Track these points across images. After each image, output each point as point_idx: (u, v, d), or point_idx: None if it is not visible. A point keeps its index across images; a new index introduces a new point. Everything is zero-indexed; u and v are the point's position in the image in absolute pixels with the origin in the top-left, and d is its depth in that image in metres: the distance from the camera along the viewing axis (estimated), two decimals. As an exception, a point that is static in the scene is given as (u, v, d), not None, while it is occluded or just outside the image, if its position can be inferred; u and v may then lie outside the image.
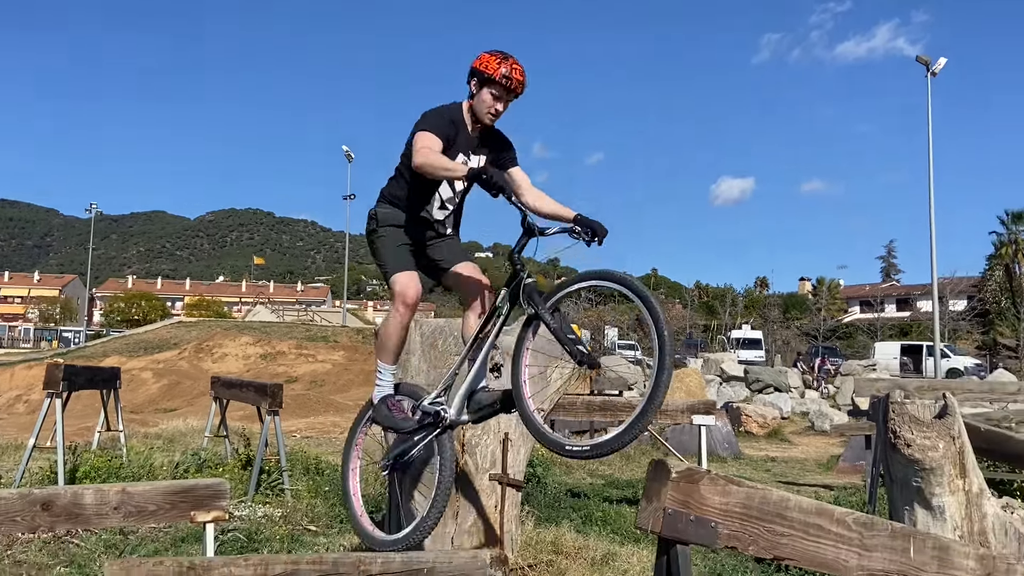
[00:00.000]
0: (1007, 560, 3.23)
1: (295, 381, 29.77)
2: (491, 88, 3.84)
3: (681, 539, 2.59)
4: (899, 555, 2.95)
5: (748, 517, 2.68)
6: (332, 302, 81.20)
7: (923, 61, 30.96)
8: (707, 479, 2.65)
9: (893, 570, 2.94)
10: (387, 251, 4.02)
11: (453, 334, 5.41)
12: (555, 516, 6.91)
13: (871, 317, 58.26)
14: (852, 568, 2.89)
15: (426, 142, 3.74)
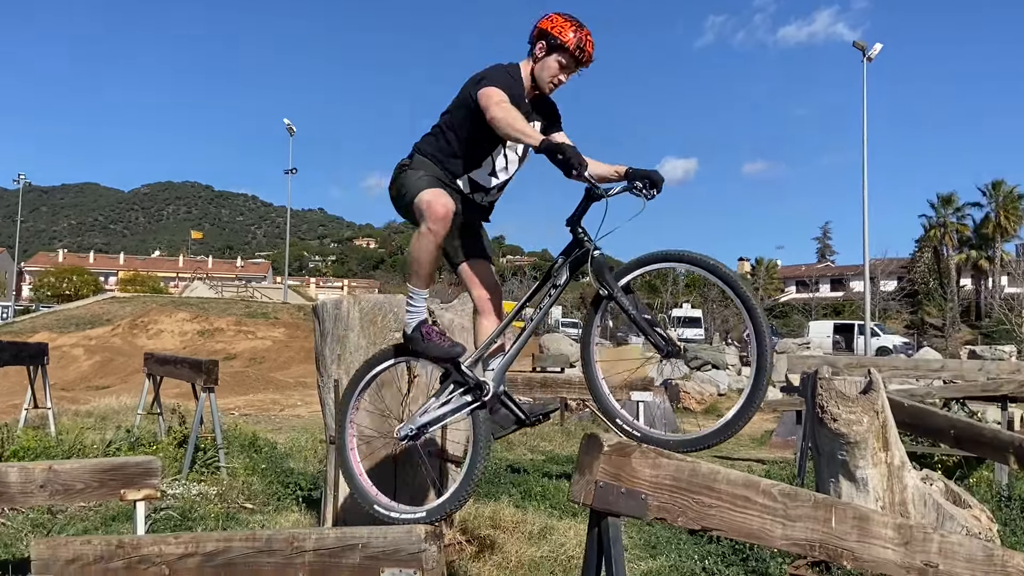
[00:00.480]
0: (924, 529, 3.36)
1: (234, 358, 29.32)
2: (560, 56, 3.54)
3: (612, 511, 2.64)
4: (821, 524, 3.05)
5: (678, 489, 2.75)
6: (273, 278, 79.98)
7: (859, 46, 31.65)
8: (638, 452, 2.69)
9: (815, 539, 3.04)
10: (417, 178, 3.57)
11: (393, 310, 5.38)
12: (495, 492, 6.96)
13: (806, 297, 59.83)
14: (777, 538, 2.98)
15: (497, 97, 3.39)
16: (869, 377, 4.86)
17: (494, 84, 3.44)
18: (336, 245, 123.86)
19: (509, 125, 3.28)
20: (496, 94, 3.40)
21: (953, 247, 57.61)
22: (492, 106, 3.34)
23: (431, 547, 3.17)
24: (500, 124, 3.31)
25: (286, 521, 6.10)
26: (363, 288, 77.24)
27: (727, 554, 5.14)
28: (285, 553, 3.28)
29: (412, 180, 3.58)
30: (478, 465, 3.37)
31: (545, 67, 3.56)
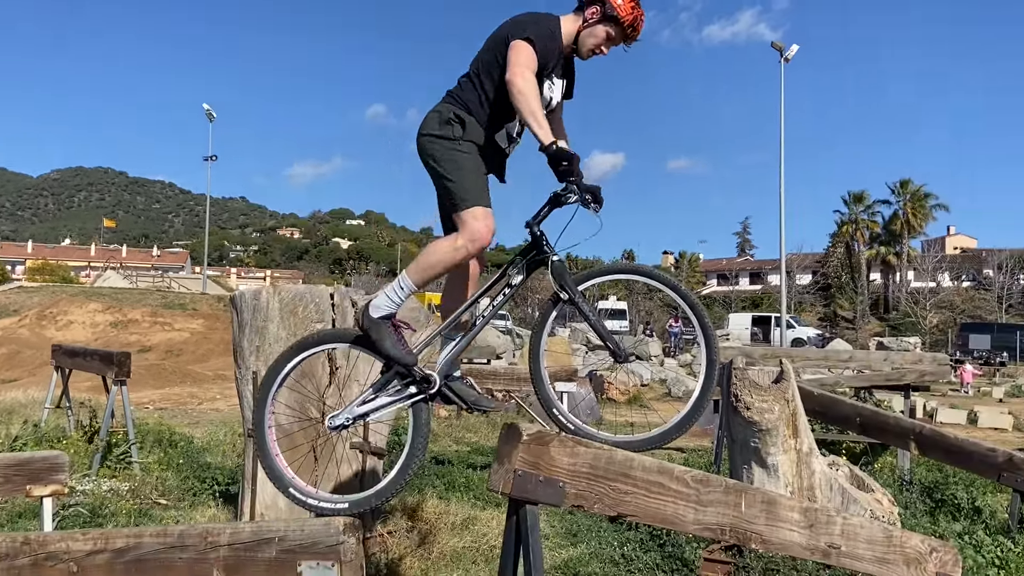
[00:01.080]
0: (828, 512, 3.51)
1: (149, 351, 28.41)
2: (611, 27, 3.36)
3: (530, 499, 2.67)
4: (732, 509, 3.15)
5: (595, 477, 2.80)
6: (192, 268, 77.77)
7: (777, 47, 32.55)
8: (557, 441, 2.74)
9: (726, 523, 3.14)
10: (469, 173, 3.28)
11: (315, 301, 5.32)
12: (419, 483, 6.95)
13: (727, 289, 61.38)
14: (689, 522, 3.07)
15: (526, 59, 3.18)
16: (781, 367, 5.03)
17: (526, 38, 3.22)
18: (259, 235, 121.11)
19: (528, 104, 3.11)
20: (521, 52, 3.20)
21: (864, 243, 59.84)
22: (517, 69, 3.15)
23: (350, 539, 3.16)
24: (518, 97, 3.12)
25: (202, 517, 5.97)
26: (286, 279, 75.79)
27: (645, 540, 5.26)
28: (199, 548, 3.22)
29: (468, 174, 3.28)
30: (415, 459, 3.25)
31: (592, 33, 3.38)
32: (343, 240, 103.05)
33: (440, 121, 3.32)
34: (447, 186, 3.29)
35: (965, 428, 14.74)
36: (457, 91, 3.40)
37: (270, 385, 3.63)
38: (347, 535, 3.22)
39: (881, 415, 6.81)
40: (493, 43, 3.35)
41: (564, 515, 5.96)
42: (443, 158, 3.30)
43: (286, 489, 3.48)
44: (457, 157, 3.28)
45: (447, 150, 3.29)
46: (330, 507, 3.37)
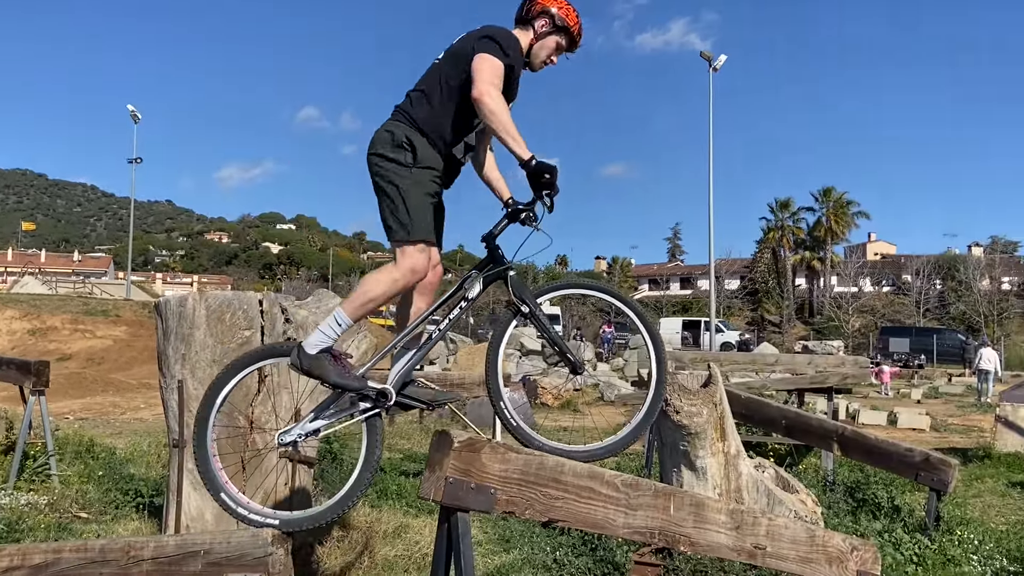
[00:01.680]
0: (753, 513, 3.60)
1: (69, 359, 27.42)
2: (561, 37, 3.41)
3: (461, 506, 2.68)
4: (661, 512, 3.21)
5: (526, 483, 2.82)
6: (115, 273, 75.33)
7: (706, 57, 33.24)
8: (488, 448, 2.74)
9: (655, 527, 3.19)
10: (416, 206, 3.18)
11: (243, 308, 5.22)
12: (350, 491, 6.87)
13: (658, 294, 62.37)
14: (619, 526, 3.11)
15: (492, 75, 3.12)
16: (709, 372, 5.14)
17: (496, 53, 3.18)
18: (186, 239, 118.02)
19: (501, 123, 3.06)
20: (489, 67, 3.14)
21: (789, 248, 61.52)
22: (484, 87, 3.08)
23: (278, 551, 3.11)
24: (490, 116, 3.07)
25: (124, 530, 5.79)
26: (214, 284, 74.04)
27: (577, 545, 5.30)
28: (120, 563, 3.13)
29: (414, 202, 3.19)
30: (367, 476, 3.14)
31: (544, 45, 3.41)
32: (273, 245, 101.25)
33: (392, 143, 3.22)
34: (392, 213, 3.21)
35: (886, 429, 15.25)
36: (408, 108, 3.30)
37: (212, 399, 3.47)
38: (275, 547, 3.16)
39: (805, 417, 7.01)
40: (454, 58, 3.29)
41: (497, 521, 5.96)
42: (391, 183, 3.21)
43: (217, 493, 3.38)
44: (406, 186, 3.19)
45: (398, 176, 3.20)
46: (261, 521, 3.28)
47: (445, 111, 3.25)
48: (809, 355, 13.43)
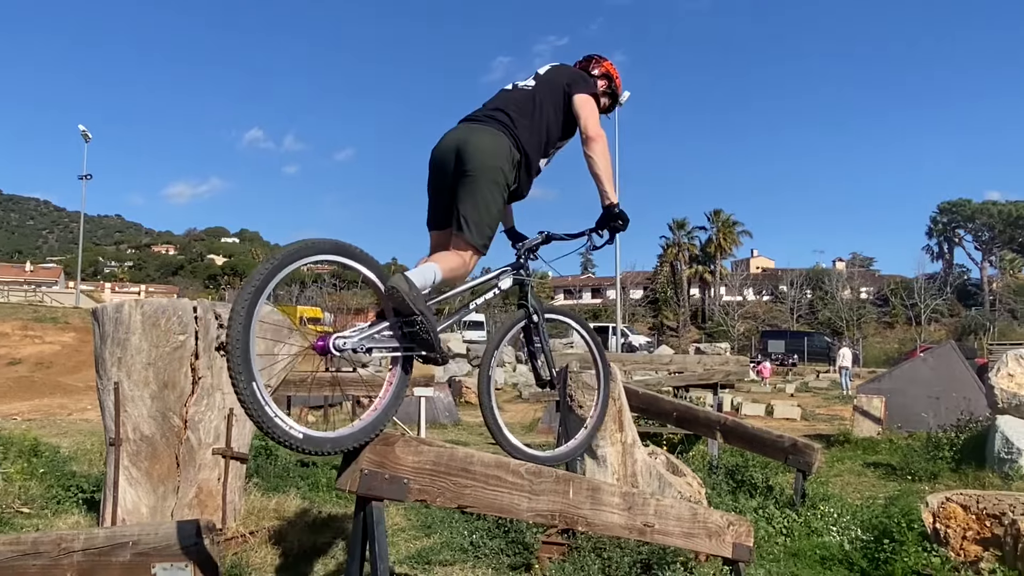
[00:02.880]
0: (643, 495, 3.62)
1: (19, 363, 25.92)
2: (608, 101, 3.47)
3: (375, 496, 2.60)
4: (561, 496, 3.19)
5: (437, 473, 2.76)
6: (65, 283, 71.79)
7: (613, 93, 33.78)
8: (401, 441, 2.67)
9: (556, 510, 3.17)
10: (496, 219, 3.07)
11: (178, 314, 5.01)
12: (283, 485, 6.65)
13: (572, 303, 62.99)
14: (524, 510, 3.07)
15: (599, 117, 3.18)
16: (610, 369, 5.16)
17: (595, 98, 3.21)
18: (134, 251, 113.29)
19: (607, 164, 3.08)
20: (596, 112, 3.17)
21: (685, 263, 63.04)
22: (600, 129, 3.11)
23: (203, 540, 2.97)
24: (600, 158, 3.06)
25: (64, 524, 5.47)
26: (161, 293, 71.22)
27: (492, 528, 5.24)
28: (52, 555, 2.96)
29: (496, 218, 3.05)
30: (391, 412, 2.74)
31: (599, 104, 3.37)
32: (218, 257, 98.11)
33: (510, 160, 3.07)
34: (483, 220, 3.02)
35: (764, 419, 15.71)
36: (513, 128, 3.11)
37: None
38: (201, 536, 3.03)
39: (693, 410, 7.14)
40: (548, 86, 3.23)
41: (420, 509, 5.86)
42: (494, 196, 3.03)
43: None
44: (499, 206, 3.07)
45: (500, 194, 3.05)
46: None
47: (538, 133, 3.17)
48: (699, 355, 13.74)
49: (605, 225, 3.15)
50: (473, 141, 3.04)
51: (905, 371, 12.78)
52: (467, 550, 5.04)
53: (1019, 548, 4.05)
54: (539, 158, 3.19)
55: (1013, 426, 7.42)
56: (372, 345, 2.64)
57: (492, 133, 3.06)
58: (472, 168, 2.99)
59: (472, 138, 3.05)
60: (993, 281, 56.99)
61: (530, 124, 3.13)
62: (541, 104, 3.18)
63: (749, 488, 6.67)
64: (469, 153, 3.01)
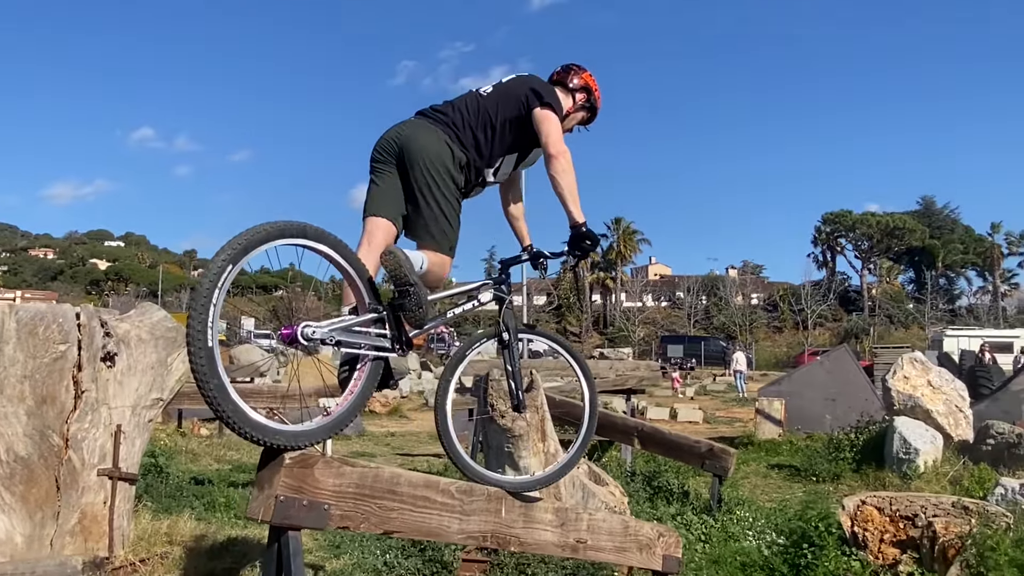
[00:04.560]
0: (576, 510, 3.46)
1: None
2: (587, 115, 3.34)
3: (293, 525, 2.31)
4: (493, 516, 2.98)
5: (361, 496, 2.50)
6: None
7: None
8: (322, 462, 2.40)
9: (488, 530, 2.96)
10: (457, 227, 3.07)
11: (58, 321, 4.50)
12: (176, 506, 6.15)
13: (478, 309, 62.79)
14: (454, 532, 2.85)
15: (561, 133, 3.05)
16: (531, 377, 4.99)
17: (557, 112, 3.07)
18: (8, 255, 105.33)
19: (571, 183, 2.95)
20: (559, 129, 3.04)
21: (587, 269, 64.12)
22: (563, 147, 2.98)
23: (87, 582, 2.60)
24: (563, 175, 2.94)
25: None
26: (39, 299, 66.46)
27: (407, 546, 4.97)
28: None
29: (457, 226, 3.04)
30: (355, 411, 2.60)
31: (574, 118, 3.31)
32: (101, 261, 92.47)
33: (454, 162, 2.99)
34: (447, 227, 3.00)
35: (668, 423, 16.00)
36: (458, 132, 3.04)
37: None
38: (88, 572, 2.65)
39: (611, 416, 7.09)
40: (504, 96, 3.12)
41: (328, 527, 5.50)
42: (448, 201, 2.99)
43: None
44: (457, 209, 3.04)
45: (454, 199, 3.02)
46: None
47: (487, 142, 3.07)
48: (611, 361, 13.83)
49: (576, 246, 3.06)
50: (419, 140, 2.97)
51: (802, 374, 13.28)
52: (380, 571, 4.75)
53: (936, 550, 4.14)
54: (485, 167, 3.10)
55: (910, 427, 7.76)
56: (342, 338, 2.50)
57: (436, 134, 2.99)
58: (420, 173, 2.94)
59: (418, 136, 2.99)
60: (872, 288, 60.78)
61: (474, 132, 3.05)
62: (489, 113, 3.09)
63: (666, 494, 6.66)
64: (414, 153, 2.95)
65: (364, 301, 2.60)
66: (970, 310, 55.94)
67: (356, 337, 2.54)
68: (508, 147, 3.12)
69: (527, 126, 3.06)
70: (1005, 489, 5.73)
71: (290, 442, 2.29)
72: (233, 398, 2.12)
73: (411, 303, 2.62)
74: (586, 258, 3.22)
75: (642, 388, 9.82)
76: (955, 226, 62.14)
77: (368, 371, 2.61)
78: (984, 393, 12.61)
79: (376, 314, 2.61)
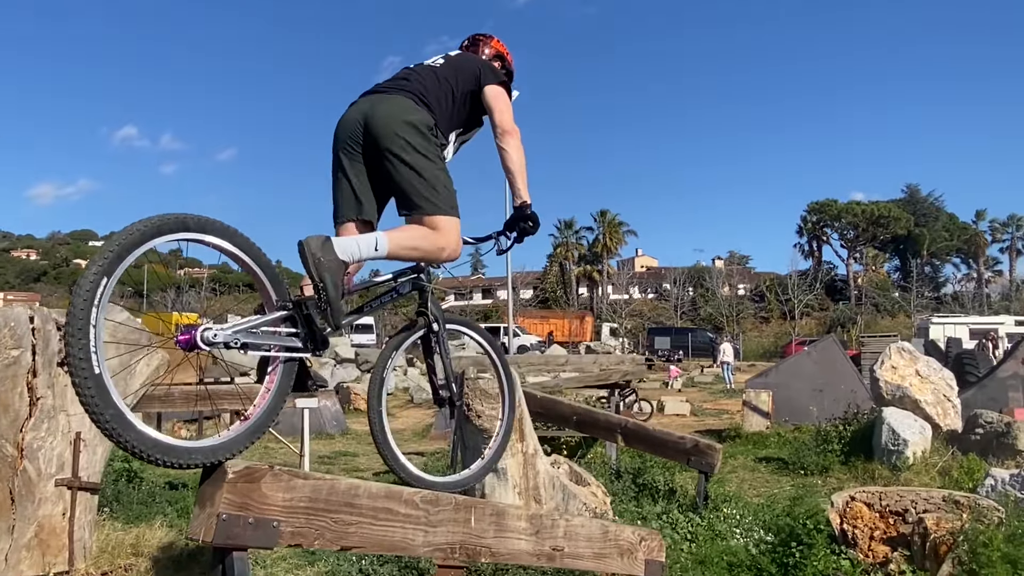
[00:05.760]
0: (552, 516, 3.28)
1: None
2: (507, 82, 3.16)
3: (237, 545, 2.13)
4: (462, 526, 2.80)
5: (315, 511, 2.31)
6: (-96, 291, 64.90)
7: (503, 92, 33.53)
8: (269, 476, 2.21)
9: (456, 541, 2.78)
10: (449, 181, 2.80)
11: (10, 324, 4.30)
12: (148, 513, 5.94)
13: (463, 304, 62.67)
14: (419, 545, 2.67)
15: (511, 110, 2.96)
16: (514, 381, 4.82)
17: (505, 88, 3.00)
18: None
19: (522, 160, 2.89)
20: (510, 105, 2.97)
21: (574, 262, 64.00)
22: (514, 124, 2.91)
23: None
24: (515, 152, 2.87)
25: None
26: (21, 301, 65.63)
27: (382, 554, 4.80)
28: None
29: (449, 182, 2.78)
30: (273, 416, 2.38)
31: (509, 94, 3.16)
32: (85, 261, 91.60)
33: (424, 123, 2.77)
34: (431, 186, 2.71)
35: (656, 416, 15.88)
36: (424, 96, 2.85)
37: None
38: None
39: (593, 413, 6.93)
40: (455, 70, 3.00)
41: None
42: (427, 158, 2.73)
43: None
44: (442, 166, 2.81)
45: (435, 154, 2.78)
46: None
47: (446, 114, 2.91)
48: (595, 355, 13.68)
49: (514, 226, 2.96)
50: (384, 106, 2.77)
51: (790, 365, 13.18)
52: (356, 579, 4.57)
53: (927, 547, 4.00)
54: (445, 140, 2.90)
55: (898, 418, 7.65)
56: (248, 340, 2.24)
57: (400, 100, 2.79)
58: (393, 139, 2.70)
59: (383, 104, 2.78)
60: (858, 276, 60.99)
61: (436, 99, 2.88)
62: (449, 83, 2.95)
63: (652, 492, 6.51)
64: (381, 119, 2.73)
65: (271, 298, 2.35)
66: (955, 297, 56.23)
67: (263, 338, 2.30)
68: (462, 121, 2.99)
69: (477, 102, 2.95)
70: (995, 480, 5.62)
71: (209, 458, 2.10)
72: (136, 426, 1.92)
73: (316, 301, 2.39)
74: (521, 240, 3.01)
75: (626, 382, 9.66)
76: (940, 214, 62.39)
77: (281, 372, 2.38)
78: (971, 380, 12.56)
79: (285, 311, 2.36)
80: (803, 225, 63.56)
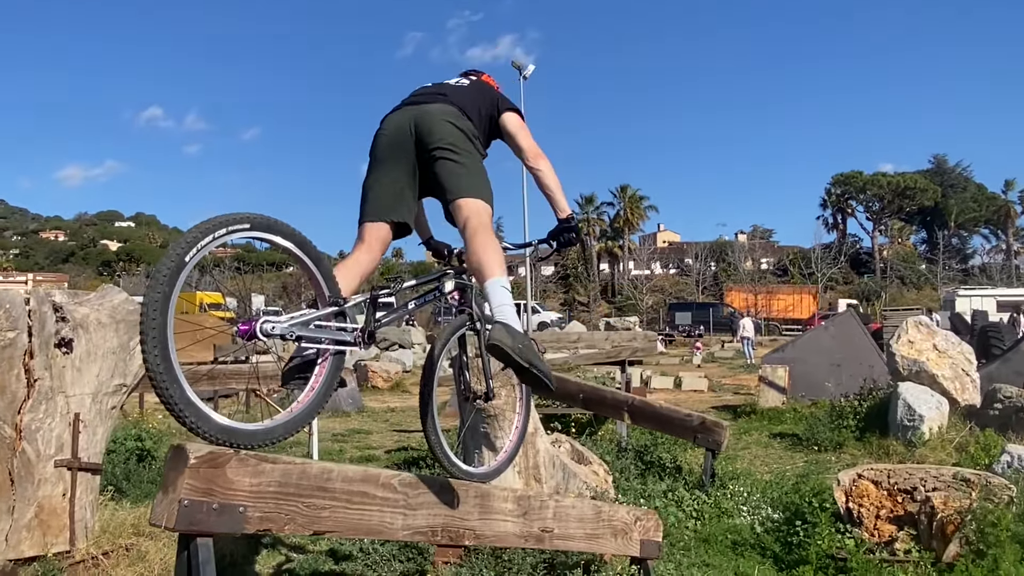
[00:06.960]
0: (541, 497, 3.22)
1: None
2: None
3: (201, 531, 2.09)
4: (444, 508, 2.75)
5: (285, 495, 2.27)
6: (-63, 274, 66.21)
7: (516, 66, 33.08)
8: (235, 460, 2.17)
9: (438, 524, 2.73)
10: (485, 179, 2.95)
11: (3, 307, 4.28)
12: (149, 494, 5.98)
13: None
14: (398, 529, 2.62)
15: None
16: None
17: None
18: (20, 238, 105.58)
19: (555, 178, 3.05)
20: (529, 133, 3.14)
21: (595, 238, 63.66)
22: (539, 148, 3.08)
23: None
24: (547, 173, 3.03)
25: None
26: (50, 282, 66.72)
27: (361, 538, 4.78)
28: None
29: (485, 179, 2.95)
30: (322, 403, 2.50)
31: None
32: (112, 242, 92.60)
33: (471, 132, 2.96)
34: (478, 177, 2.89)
35: (672, 392, 15.78)
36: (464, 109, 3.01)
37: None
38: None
39: (600, 390, 6.84)
40: (480, 93, 3.14)
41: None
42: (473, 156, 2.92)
43: None
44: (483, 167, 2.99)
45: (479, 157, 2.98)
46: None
47: (479, 129, 3.06)
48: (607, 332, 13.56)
49: (558, 236, 3.13)
50: (435, 111, 2.90)
51: (807, 340, 12.98)
52: (356, 557, 4.56)
53: (934, 527, 3.89)
54: (484, 148, 3.08)
55: (915, 393, 7.48)
56: (302, 333, 2.38)
57: (447, 106, 2.96)
58: (441, 139, 2.83)
59: (432, 109, 2.92)
60: (883, 249, 60.03)
61: (472, 113, 3.03)
62: (477, 103, 3.09)
63: (658, 469, 6.43)
64: (433, 123, 2.87)
65: (324, 294, 2.46)
66: (983, 269, 55.15)
67: (317, 332, 2.41)
68: (486, 140, 3.12)
69: (494, 127, 3.11)
70: (1011, 457, 5.47)
71: (248, 441, 2.21)
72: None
73: (536, 382, 2.61)
74: (563, 250, 3.20)
75: (638, 359, 9.56)
76: (968, 184, 61.07)
77: (330, 365, 2.47)
78: (995, 354, 12.28)
79: (337, 307, 2.48)
80: (827, 198, 62.61)
